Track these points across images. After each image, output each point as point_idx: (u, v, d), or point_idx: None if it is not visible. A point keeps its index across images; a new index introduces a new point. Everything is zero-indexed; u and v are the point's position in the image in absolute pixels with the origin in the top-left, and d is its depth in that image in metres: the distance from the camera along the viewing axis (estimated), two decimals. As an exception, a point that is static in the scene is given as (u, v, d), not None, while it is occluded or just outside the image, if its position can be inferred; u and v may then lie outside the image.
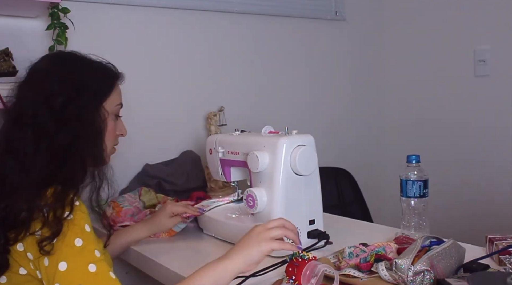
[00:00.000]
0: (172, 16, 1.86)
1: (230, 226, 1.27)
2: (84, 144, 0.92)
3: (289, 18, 2.20)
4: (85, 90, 0.96)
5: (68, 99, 0.92)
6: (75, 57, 1.01)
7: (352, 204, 2.19)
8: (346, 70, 2.45)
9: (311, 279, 0.88)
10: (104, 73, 1.03)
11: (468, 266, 0.94)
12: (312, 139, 1.20)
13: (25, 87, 0.95)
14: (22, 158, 0.88)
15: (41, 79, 0.95)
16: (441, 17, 2.33)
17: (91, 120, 0.95)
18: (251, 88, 2.10)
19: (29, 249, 0.85)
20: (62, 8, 1.47)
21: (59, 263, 0.81)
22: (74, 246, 0.83)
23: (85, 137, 0.93)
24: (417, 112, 2.48)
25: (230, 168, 1.37)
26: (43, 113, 0.90)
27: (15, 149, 0.89)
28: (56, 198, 0.85)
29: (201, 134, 1.94)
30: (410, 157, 1.18)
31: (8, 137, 0.90)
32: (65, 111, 0.91)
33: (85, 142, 0.93)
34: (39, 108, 0.90)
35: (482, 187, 2.22)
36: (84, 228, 0.85)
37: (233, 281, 0.97)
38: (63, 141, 0.89)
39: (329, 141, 2.32)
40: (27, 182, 0.86)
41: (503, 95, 2.13)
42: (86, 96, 0.96)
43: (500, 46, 2.12)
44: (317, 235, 1.17)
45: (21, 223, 0.84)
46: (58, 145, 0.89)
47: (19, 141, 0.89)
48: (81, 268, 0.82)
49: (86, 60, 1.02)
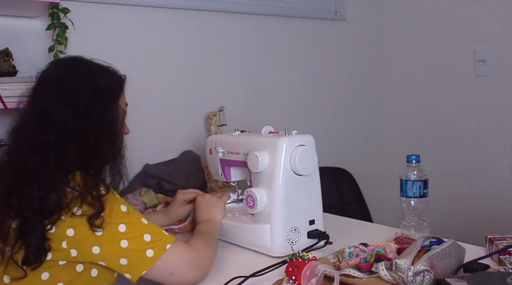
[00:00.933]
0: (172, 16, 1.86)
1: (230, 226, 1.27)
2: (107, 142, 0.99)
3: (289, 18, 2.20)
4: (103, 91, 1.02)
5: (89, 100, 0.98)
6: (85, 62, 1.06)
7: (352, 204, 2.19)
8: (346, 70, 2.45)
9: (311, 279, 0.88)
10: (113, 75, 1.08)
11: (468, 266, 0.94)
12: (312, 139, 1.20)
13: (43, 92, 0.99)
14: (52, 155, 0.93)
15: (61, 83, 0.99)
16: (441, 17, 2.33)
17: (112, 118, 1.02)
18: (251, 88, 2.10)
19: (69, 226, 0.90)
20: (62, 8, 1.47)
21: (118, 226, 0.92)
22: (122, 211, 0.94)
23: (107, 135, 1.00)
24: (417, 112, 2.48)
25: (230, 168, 1.37)
26: (68, 114, 0.95)
27: (43, 149, 0.93)
28: (87, 179, 0.93)
29: (201, 134, 1.94)
30: (410, 157, 1.18)
31: (32, 139, 0.94)
32: (88, 111, 0.97)
33: (108, 139, 1.00)
34: (64, 109, 0.95)
35: (482, 187, 2.22)
36: (123, 201, 0.96)
37: (233, 281, 0.97)
38: (89, 140, 0.96)
39: (329, 141, 2.32)
40: (57, 176, 0.92)
41: (503, 95, 2.13)
42: (105, 97, 1.02)
43: (500, 46, 2.12)
44: (317, 235, 1.17)
45: (55, 209, 0.89)
46: (84, 143, 0.96)
47: (47, 142, 0.93)
48: (138, 222, 0.95)
49: (95, 64, 1.07)
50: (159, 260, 0.93)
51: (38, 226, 0.89)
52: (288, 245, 1.14)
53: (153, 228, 0.96)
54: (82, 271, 0.94)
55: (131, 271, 0.93)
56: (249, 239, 1.21)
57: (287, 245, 1.14)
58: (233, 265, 1.12)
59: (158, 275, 0.95)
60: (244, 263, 1.12)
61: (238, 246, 1.25)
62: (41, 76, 1.02)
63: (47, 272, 0.91)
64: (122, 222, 0.92)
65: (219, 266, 1.14)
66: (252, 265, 1.04)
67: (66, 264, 0.92)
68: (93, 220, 0.89)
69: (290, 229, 1.15)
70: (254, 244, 1.20)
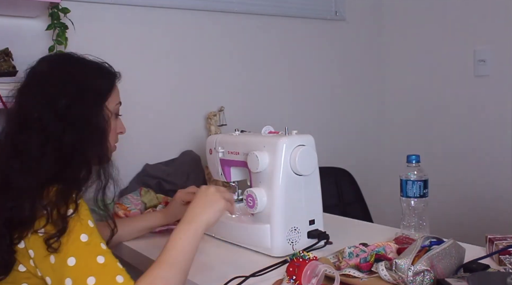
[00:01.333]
0: (172, 16, 1.86)
1: (230, 226, 1.27)
2: (90, 144, 0.94)
3: (289, 18, 2.20)
4: (88, 90, 0.97)
5: (72, 100, 0.93)
6: (74, 59, 1.02)
7: (352, 204, 2.19)
8: (346, 70, 2.44)
9: (312, 279, 0.88)
10: (103, 73, 1.04)
11: (468, 266, 0.94)
12: (312, 139, 1.20)
13: (27, 91, 0.95)
14: (29, 160, 0.89)
15: (43, 82, 0.95)
16: (441, 17, 2.33)
17: (95, 120, 0.97)
18: (251, 88, 2.10)
19: (31, 246, 0.85)
20: (62, 8, 1.47)
21: (68, 259, 0.83)
22: (81, 241, 0.84)
23: (90, 137, 0.94)
24: (417, 112, 2.48)
25: (230, 168, 1.37)
26: (48, 116, 0.91)
27: (21, 152, 0.90)
28: (59, 196, 0.86)
29: (201, 134, 1.94)
30: (410, 157, 1.18)
31: (13, 141, 0.91)
32: (70, 112, 0.92)
33: (91, 142, 0.94)
34: (44, 110, 0.91)
35: (482, 187, 2.22)
36: (88, 224, 0.87)
37: (233, 281, 0.97)
38: (69, 142, 0.91)
39: (329, 141, 2.31)
40: (32, 183, 0.87)
41: (503, 95, 2.13)
42: (89, 97, 0.97)
43: (500, 46, 2.12)
44: (317, 235, 1.17)
45: (25, 222, 0.85)
46: (64, 146, 0.90)
47: (25, 144, 0.90)
48: (90, 260, 0.83)
49: (85, 61, 1.02)
50: None
51: (6, 238, 0.85)
52: (288, 245, 1.14)
53: (106, 269, 0.83)
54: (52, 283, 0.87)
55: None
56: (249, 239, 1.21)
57: (287, 245, 1.14)
58: (233, 265, 1.12)
59: None
60: (244, 263, 1.12)
61: (238, 246, 1.25)
62: (28, 73, 0.98)
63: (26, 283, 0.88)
64: (72, 255, 0.83)
65: (219, 266, 1.14)
66: (252, 265, 1.05)
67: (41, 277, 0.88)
68: (50, 242, 0.83)
69: (290, 229, 1.15)
70: (254, 244, 1.20)
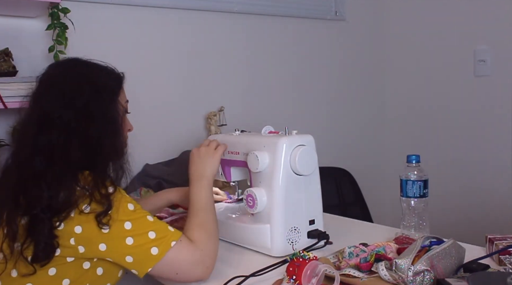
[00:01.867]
0: (172, 16, 1.86)
1: (230, 226, 1.27)
2: (109, 139, 1.01)
3: (289, 18, 2.20)
4: (102, 89, 1.03)
5: (89, 98, 0.99)
6: (83, 62, 1.08)
7: (352, 204, 2.19)
8: (346, 70, 2.45)
9: (312, 279, 0.88)
10: (112, 73, 1.10)
11: (468, 266, 0.94)
12: (312, 139, 1.20)
13: (44, 94, 1.01)
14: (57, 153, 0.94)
15: (60, 84, 1.01)
16: (441, 17, 2.33)
17: (112, 114, 1.03)
18: (251, 88, 2.10)
19: (77, 223, 0.91)
20: (62, 8, 1.47)
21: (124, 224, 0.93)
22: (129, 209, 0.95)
23: (109, 132, 1.01)
24: (417, 112, 2.48)
25: (230, 168, 1.36)
26: (69, 114, 0.97)
27: (46, 149, 0.95)
28: (97, 180, 0.94)
29: (201, 134, 1.94)
30: (410, 157, 1.18)
31: (36, 140, 0.96)
32: (89, 109, 0.99)
33: (110, 136, 1.01)
34: (65, 110, 0.97)
35: (482, 187, 2.22)
36: (129, 198, 0.97)
37: (233, 281, 0.97)
38: (92, 136, 0.98)
39: (329, 141, 2.32)
40: (65, 172, 0.93)
41: (503, 95, 2.13)
42: (104, 95, 1.03)
43: (500, 46, 2.12)
44: (317, 235, 1.17)
45: (65, 207, 0.91)
46: (88, 139, 0.97)
47: (50, 142, 0.95)
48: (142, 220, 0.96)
49: (93, 64, 1.08)
50: (164, 258, 0.94)
51: (47, 224, 0.90)
52: (288, 245, 1.14)
53: (158, 225, 0.97)
54: (88, 268, 0.95)
55: (137, 268, 0.95)
56: (249, 239, 1.21)
57: (287, 245, 1.14)
58: (233, 265, 1.12)
59: (164, 273, 0.97)
60: (244, 263, 1.12)
61: (238, 246, 1.25)
62: (41, 79, 1.03)
63: (55, 268, 0.93)
64: (128, 220, 0.94)
65: (219, 266, 1.14)
66: (252, 265, 1.05)
67: (74, 261, 0.94)
68: (100, 218, 0.91)
69: (290, 229, 1.15)
70: (254, 244, 1.20)
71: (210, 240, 1.03)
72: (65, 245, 0.92)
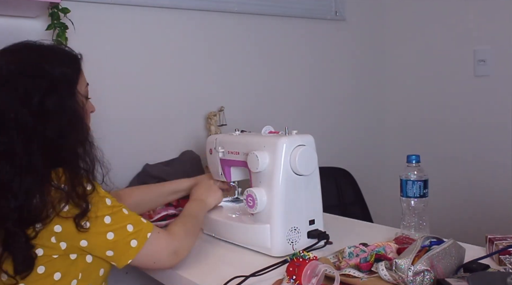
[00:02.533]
0: (172, 16, 1.86)
1: (230, 226, 1.27)
2: (72, 133, 0.96)
3: (289, 18, 2.20)
4: (59, 81, 0.96)
5: (45, 94, 0.93)
6: (36, 49, 1.00)
7: (352, 204, 2.19)
8: (346, 70, 2.44)
9: (312, 279, 0.88)
10: (68, 58, 1.03)
11: (468, 266, 0.94)
12: (312, 139, 1.20)
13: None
14: (18, 161, 0.89)
15: (13, 80, 0.93)
16: (441, 17, 2.33)
17: (71, 108, 0.97)
18: (251, 88, 2.10)
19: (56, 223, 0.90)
20: (62, 8, 1.47)
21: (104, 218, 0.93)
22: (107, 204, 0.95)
23: (70, 126, 0.96)
24: (417, 112, 2.48)
25: (230, 168, 1.37)
26: (25, 114, 0.90)
27: (7, 154, 0.89)
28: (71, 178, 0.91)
29: (201, 134, 1.94)
30: (410, 157, 1.18)
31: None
32: (45, 106, 0.92)
33: (72, 130, 0.96)
34: (19, 109, 0.90)
35: (482, 187, 2.22)
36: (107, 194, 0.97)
37: (233, 281, 0.97)
38: (52, 135, 0.92)
39: (329, 141, 2.31)
40: (31, 182, 0.89)
41: (503, 95, 2.13)
42: (61, 87, 0.96)
43: (500, 46, 2.12)
44: (317, 235, 1.17)
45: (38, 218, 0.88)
46: (48, 140, 0.92)
47: (9, 146, 0.90)
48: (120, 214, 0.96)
49: (47, 50, 1.01)
50: (142, 249, 0.97)
51: (21, 236, 0.87)
52: (288, 245, 1.14)
53: (134, 217, 0.99)
54: (76, 258, 0.95)
55: (117, 261, 0.97)
56: (249, 239, 1.21)
57: (287, 245, 1.14)
58: (233, 265, 1.12)
59: (143, 262, 1.00)
60: (244, 263, 1.12)
61: (238, 246, 1.25)
62: None
63: (43, 266, 0.92)
64: (107, 214, 0.94)
65: (219, 266, 1.14)
66: (252, 265, 1.04)
67: (59, 256, 0.94)
68: (78, 220, 0.90)
69: (290, 229, 1.15)
70: (254, 244, 1.20)
71: (187, 237, 1.08)
72: (47, 245, 0.91)
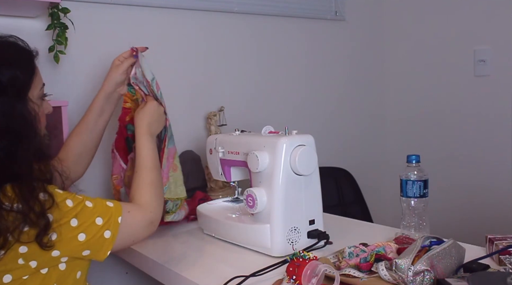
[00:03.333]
0: (172, 16, 1.86)
1: (230, 226, 1.27)
2: (23, 142, 0.87)
3: (289, 18, 2.20)
4: (7, 88, 0.87)
5: None
6: None
7: (352, 204, 2.19)
8: (346, 70, 2.45)
9: (312, 278, 0.88)
10: (21, 58, 0.94)
11: (468, 266, 0.94)
12: (312, 139, 1.20)
13: None
14: None
15: None
16: (441, 17, 2.33)
17: (22, 118, 0.89)
18: (251, 88, 2.10)
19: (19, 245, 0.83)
20: (62, 8, 1.46)
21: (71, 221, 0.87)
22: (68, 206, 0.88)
23: (21, 135, 0.88)
24: (417, 112, 2.48)
25: (230, 168, 1.37)
26: None
27: None
28: (23, 193, 0.82)
29: (201, 134, 1.94)
30: (410, 157, 1.18)
31: None
32: None
33: (23, 139, 0.88)
34: None
35: (482, 187, 2.22)
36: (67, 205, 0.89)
37: (233, 281, 0.97)
38: (2, 150, 0.85)
39: (329, 141, 2.32)
40: None
41: (503, 95, 2.13)
42: (10, 95, 0.88)
43: (500, 46, 2.12)
44: (317, 235, 1.17)
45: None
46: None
47: None
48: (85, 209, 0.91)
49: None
50: (118, 235, 0.94)
51: None
52: (288, 245, 1.14)
53: (99, 207, 0.93)
54: (47, 271, 0.89)
55: (95, 257, 0.94)
56: (249, 239, 1.21)
57: (287, 245, 1.14)
58: (233, 265, 1.12)
59: (123, 246, 0.98)
60: (244, 263, 1.12)
61: (238, 246, 1.25)
62: None
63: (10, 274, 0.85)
64: (72, 217, 0.88)
65: (219, 266, 1.14)
66: (252, 265, 1.05)
67: (30, 275, 0.87)
68: (41, 239, 0.82)
69: (290, 229, 1.15)
70: (254, 244, 1.20)
71: (157, 201, 1.08)
72: (15, 268, 0.84)
